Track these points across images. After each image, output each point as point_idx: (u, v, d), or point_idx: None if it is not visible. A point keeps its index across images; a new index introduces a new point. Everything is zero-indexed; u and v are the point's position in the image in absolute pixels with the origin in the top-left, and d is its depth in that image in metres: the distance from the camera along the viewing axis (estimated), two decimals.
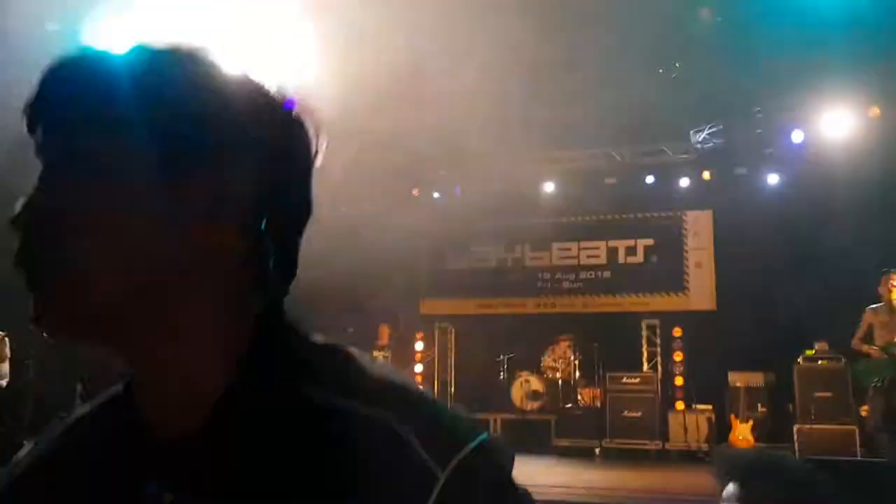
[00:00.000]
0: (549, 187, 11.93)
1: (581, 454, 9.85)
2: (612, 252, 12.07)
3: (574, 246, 12.30)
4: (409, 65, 9.86)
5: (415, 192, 12.39)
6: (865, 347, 7.22)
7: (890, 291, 7.03)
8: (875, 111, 8.80)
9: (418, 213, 12.51)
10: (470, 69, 10.53)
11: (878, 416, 6.95)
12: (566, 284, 12.21)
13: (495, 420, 10.86)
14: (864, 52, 8.21)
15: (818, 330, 9.22)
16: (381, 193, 12.41)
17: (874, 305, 7.25)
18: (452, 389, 12.04)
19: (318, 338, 0.83)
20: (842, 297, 8.83)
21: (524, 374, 11.05)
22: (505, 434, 10.74)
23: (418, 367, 11.53)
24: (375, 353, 9.82)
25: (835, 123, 9.30)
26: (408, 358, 10.83)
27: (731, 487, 1.96)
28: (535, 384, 10.94)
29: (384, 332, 9.77)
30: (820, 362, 9.07)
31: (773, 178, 10.66)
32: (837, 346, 8.95)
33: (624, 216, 12.04)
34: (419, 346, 11.62)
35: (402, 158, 11.99)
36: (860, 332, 7.30)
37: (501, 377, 11.26)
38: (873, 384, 6.96)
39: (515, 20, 9.22)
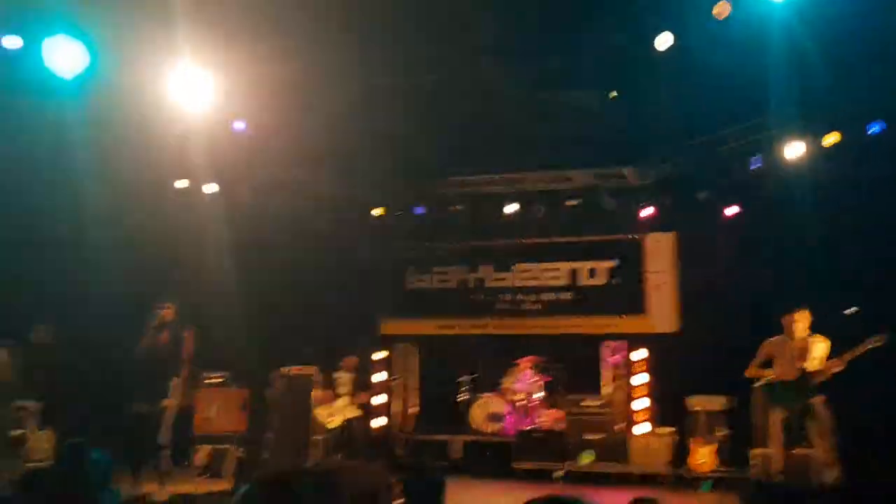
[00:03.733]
0: (511, 208, 11.90)
1: (541, 477, 9.78)
2: (574, 273, 12.09)
3: (535, 267, 12.30)
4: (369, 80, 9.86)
5: (376, 211, 12.28)
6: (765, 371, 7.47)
7: (792, 326, 7.39)
8: (830, 139, 8.96)
9: (380, 232, 12.44)
10: (433, 84, 10.57)
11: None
12: (527, 305, 12.19)
13: (454, 442, 10.75)
14: (820, 80, 8.40)
15: None
16: (340, 213, 12.33)
17: (773, 339, 7.52)
18: (413, 410, 11.91)
19: None
20: None
21: (485, 396, 10.97)
22: (465, 457, 10.65)
23: (379, 388, 11.38)
24: (338, 374, 9.67)
25: (792, 150, 9.44)
26: (369, 379, 10.68)
27: None
28: (496, 406, 10.86)
29: (351, 362, 9.70)
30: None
31: (733, 203, 10.77)
32: None
33: (586, 238, 12.08)
34: (379, 366, 11.47)
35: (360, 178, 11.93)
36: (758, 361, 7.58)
37: (462, 398, 11.16)
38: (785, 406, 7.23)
39: (480, 38, 9.27)
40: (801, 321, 7.53)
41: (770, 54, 8.14)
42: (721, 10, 7.69)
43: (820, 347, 7.46)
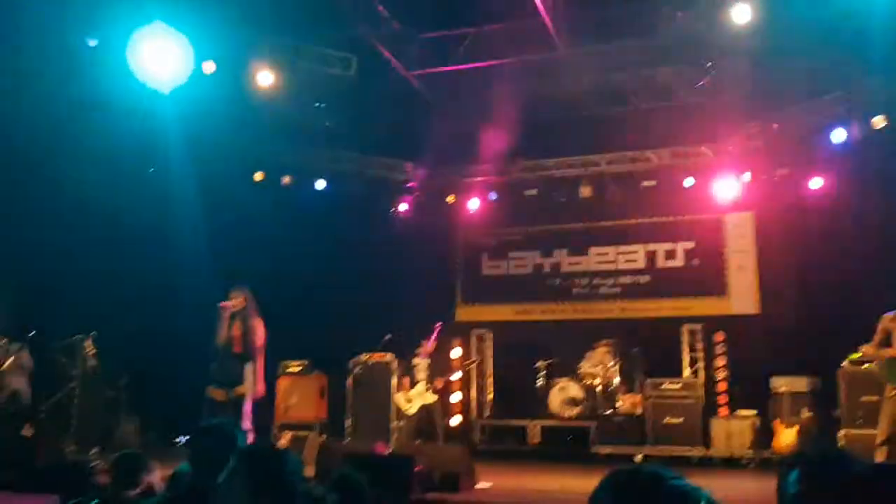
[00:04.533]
0: (585, 191, 11.78)
1: (621, 462, 9.69)
2: (651, 256, 11.90)
3: (611, 250, 12.15)
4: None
5: (450, 199, 12.37)
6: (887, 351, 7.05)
7: None
8: None
9: (454, 219, 12.52)
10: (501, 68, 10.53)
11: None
12: (604, 289, 12.07)
13: (533, 427, 10.77)
14: None
15: (864, 333, 8.94)
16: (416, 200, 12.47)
17: (889, 314, 7.11)
18: (490, 396, 11.98)
19: None
20: (889, 298, 8.58)
21: (562, 381, 10.92)
22: (543, 441, 10.65)
23: (456, 375, 11.49)
24: (416, 361, 9.81)
25: (877, 121, 9.05)
26: (445, 365, 10.78)
27: (793, 475, 1.98)
28: (574, 391, 10.81)
29: (430, 343, 9.82)
30: (866, 366, 8.78)
31: (816, 179, 10.40)
32: None
33: (662, 219, 11.85)
34: (456, 352, 11.58)
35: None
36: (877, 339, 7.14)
37: (539, 384, 11.15)
38: None
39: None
40: None
41: (854, 23, 7.85)
42: None
43: None
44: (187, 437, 9.88)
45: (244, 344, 7.29)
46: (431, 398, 9.57)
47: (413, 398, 9.57)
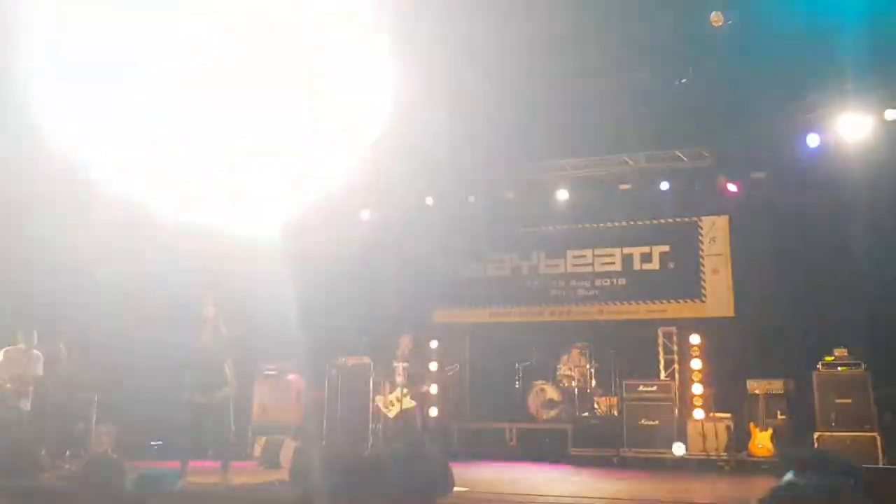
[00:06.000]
0: (563, 194, 11.86)
1: (598, 463, 9.75)
2: (627, 259, 11.98)
3: (589, 253, 12.23)
4: (424, 74, 9.88)
5: (429, 200, 12.35)
6: None
7: None
8: (892, 114, 8.68)
9: (432, 221, 12.49)
10: (483, 76, 10.55)
11: None
12: (581, 292, 12.13)
13: (511, 429, 10.79)
14: (879, 55, 8.12)
15: (838, 336, 9.09)
16: (396, 202, 12.43)
17: None
18: (468, 398, 11.98)
19: None
20: (861, 302, 8.74)
21: (540, 383, 10.97)
22: (521, 444, 10.67)
23: (435, 378, 11.47)
24: (395, 364, 9.78)
25: (851, 127, 9.18)
26: (424, 367, 10.77)
27: (788, 476, 2.05)
28: (551, 393, 10.86)
29: (405, 343, 9.77)
30: (840, 368, 8.94)
31: (790, 183, 10.52)
32: (857, 352, 8.84)
33: (639, 222, 11.95)
34: (434, 354, 11.56)
35: (417, 167, 11.99)
36: None
37: (517, 386, 11.19)
38: None
39: (530, 28, 9.22)
40: None
41: (829, 29, 7.94)
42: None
43: None
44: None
45: (219, 347, 7.35)
46: (411, 402, 9.56)
47: (394, 401, 9.55)
